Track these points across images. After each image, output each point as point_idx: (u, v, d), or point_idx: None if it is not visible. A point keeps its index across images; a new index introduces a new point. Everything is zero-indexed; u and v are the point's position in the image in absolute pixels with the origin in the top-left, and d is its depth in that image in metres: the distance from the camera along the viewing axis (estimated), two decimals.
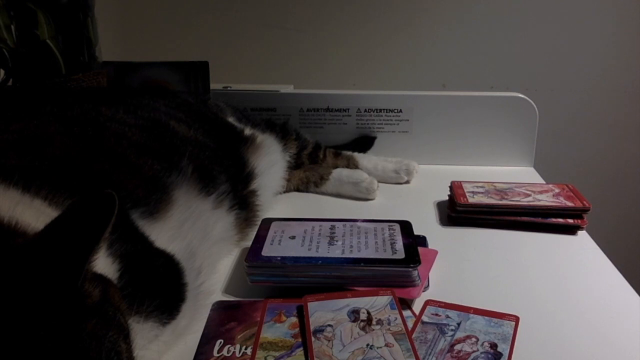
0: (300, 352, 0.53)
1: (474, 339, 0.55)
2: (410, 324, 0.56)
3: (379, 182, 0.96)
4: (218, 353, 0.53)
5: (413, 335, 0.55)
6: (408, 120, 1.11)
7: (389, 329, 0.54)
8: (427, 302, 0.61)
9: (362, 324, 0.56)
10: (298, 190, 0.99)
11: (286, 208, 0.90)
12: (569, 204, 0.82)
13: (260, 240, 0.70)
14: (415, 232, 0.72)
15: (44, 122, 0.64)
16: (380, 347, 0.52)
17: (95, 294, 0.38)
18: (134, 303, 0.46)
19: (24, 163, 0.52)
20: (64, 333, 0.34)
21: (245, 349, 0.54)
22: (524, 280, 0.68)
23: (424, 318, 0.58)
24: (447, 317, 0.58)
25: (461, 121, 1.09)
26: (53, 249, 0.36)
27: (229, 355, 0.53)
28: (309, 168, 1.01)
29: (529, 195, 0.86)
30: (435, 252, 0.71)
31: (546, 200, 0.84)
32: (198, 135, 0.77)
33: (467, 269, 0.71)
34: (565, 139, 1.44)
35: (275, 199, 0.92)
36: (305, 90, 1.15)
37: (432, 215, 0.88)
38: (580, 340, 0.56)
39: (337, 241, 0.69)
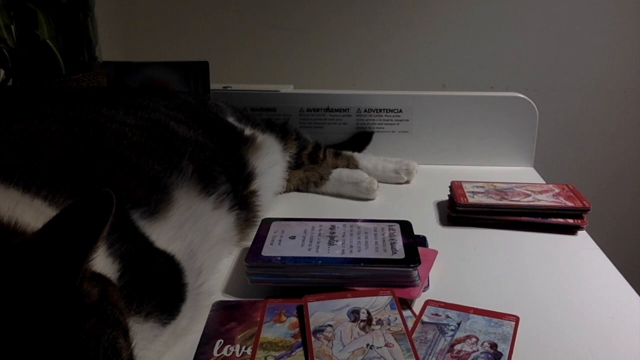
0: (300, 352, 0.53)
1: (474, 339, 0.55)
2: (410, 324, 0.56)
3: (379, 182, 0.96)
4: (218, 353, 0.53)
5: (413, 335, 0.55)
6: (408, 120, 1.11)
7: (389, 329, 0.54)
8: (427, 302, 0.61)
9: (362, 324, 0.56)
10: (298, 190, 0.99)
11: (286, 208, 0.90)
12: (569, 204, 0.82)
13: (260, 240, 0.70)
14: (415, 232, 0.72)
15: (45, 122, 0.64)
16: (380, 347, 0.52)
17: (94, 293, 0.38)
18: (134, 303, 0.46)
19: (24, 163, 0.52)
20: (63, 332, 0.34)
21: (245, 349, 0.54)
22: (524, 280, 0.68)
23: (424, 318, 0.58)
24: (447, 317, 0.58)
25: (461, 121, 1.09)
26: (51, 248, 0.36)
27: (229, 355, 0.53)
28: (309, 168, 1.01)
29: (529, 195, 0.86)
30: (435, 252, 0.71)
31: (546, 200, 0.84)
32: (198, 135, 0.77)
33: (467, 269, 0.71)
34: (565, 139, 1.44)
35: (275, 199, 0.92)
36: (305, 90, 1.15)
37: (432, 215, 0.88)
38: (580, 340, 0.56)
39: (337, 241, 0.69)
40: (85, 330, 0.35)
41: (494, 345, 0.54)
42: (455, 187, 0.89)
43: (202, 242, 0.64)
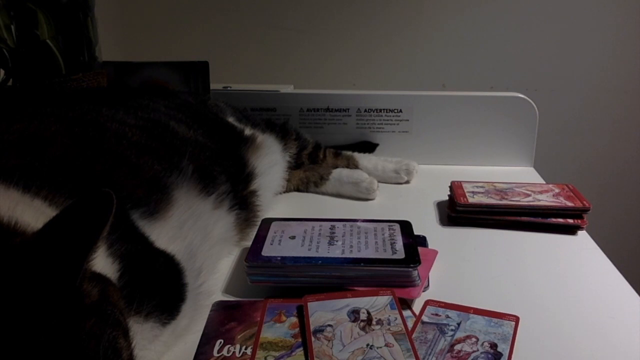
0: (300, 352, 0.53)
1: (474, 339, 0.55)
2: (410, 324, 0.56)
3: (379, 182, 0.96)
4: (218, 353, 0.53)
5: (413, 335, 0.55)
6: (408, 120, 1.11)
7: (389, 329, 0.54)
8: (427, 302, 0.61)
9: (362, 324, 0.56)
10: (298, 190, 0.99)
11: (286, 208, 0.90)
12: (569, 204, 0.82)
13: (260, 240, 0.70)
14: (415, 232, 0.72)
15: (45, 122, 0.64)
16: (380, 347, 0.52)
17: (94, 293, 0.38)
18: (134, 303, 0.46)
19: (24, 163, 0.52)
20: (63, 332, 0.34)
21: (245, 349, 0.54)
22: (524, 280, 0.68)
23: (424, 318, 0.58)
24: (447, 317, 0.58)
25: (461, 121, 1.09)
26: (51, 249, 0.36)
27: (229, 355, 0.53)
28: (309, 168, 1.01)
29: (529, 195, 0.86)
30: (435, 252, 0.71)
31: (546, 200, 0.84)
32: (198, 135, 0.77)
33: (467, 269, 0.71)
34: (565, 139, 1.44)
35: (275, 199, 0.92)
36: (305, 90, 1.15)
37: (432, 215, 0.88)
38: (580, 340, 0.56)
39: (337, 241, 0.69)
40: (86, 331, 0.35)
41: (494, 345, 0.54)
42: (455, 187, 0.89)
43: (202, 242, 0.64)
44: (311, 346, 0.52)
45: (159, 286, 0.53)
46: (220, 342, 0.55)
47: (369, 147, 1.12)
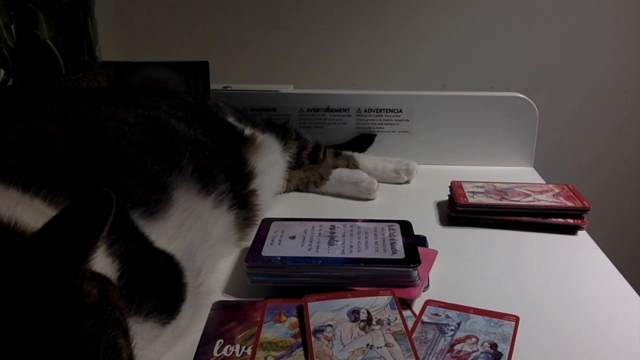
0: (300, 352, 0.53)
1: (474, 339, 0.55)
2: (410, 324, 0.56)
3: (379, 182, 0.96)
4: (218, 353, 0.53)
5: (413, 335, 0.55)
6: (408, 120, 1.11)
7: (389, 329, 0.54)
8: (427, 302, 0.61)
9: (362, 324, 0.56)
10: (298, 190, 0.99)
11: (286, 208, 0.90)
12: (569, 204, 0.82)
13: (260, 240, 0.70)
14: (415, 232, 0.72)
15: (45, 122, 0.64)
16: (380, 347, 0.52)
17: (94, 293, 0.38)
18: (134, 303, 0.46)
19: (24, 163, 0.52)
20: (62, 332, 0.34)
21: (245, 349, 0.54)
22: (524, 280, 0.68)
23: (424, 318, 0.58)
24: (447, 317, 0.58)
25: (461, 121, 1.09)
26: (51, 249, 0.36)
27: (229, 355, 0.53)
28: (309, 168, 1.01)
29: (529, 195, 0.86)
30: (435, 252, 0.71)
31: (546, 200, 0.84)
32: (198, 135, 0.77)
33: (467, 269, 0.71)
34: (565, 139, 1.44)
35: (275, 199, 0.92)
36: (305, 90, 1.15)
37: (432, 215, 0.88)
38: (580, 340, 0.56)
39: (337, 241, 0.69)
40: (85, 330, 0.35)
41: (494, 345, 0.54)
42: (455, 187, 0.89)
43: (201, 241, 0.64)
44: (311, 346, 0.52)
45: (158, 286, 0.53)
46: (220, 342, 0.55)
47: (367, 139, 1.12)
